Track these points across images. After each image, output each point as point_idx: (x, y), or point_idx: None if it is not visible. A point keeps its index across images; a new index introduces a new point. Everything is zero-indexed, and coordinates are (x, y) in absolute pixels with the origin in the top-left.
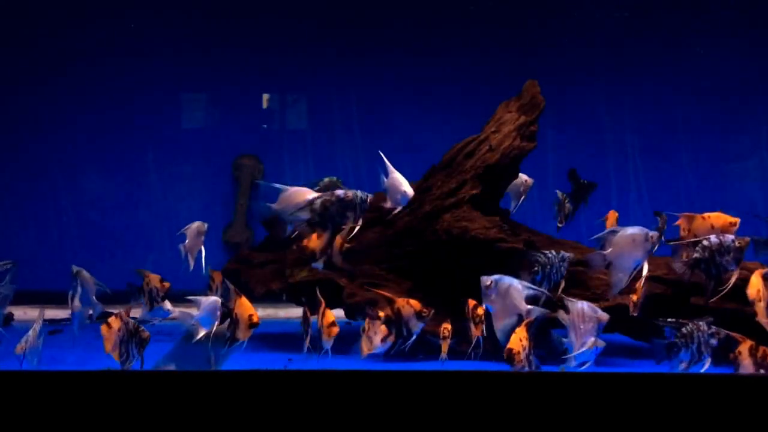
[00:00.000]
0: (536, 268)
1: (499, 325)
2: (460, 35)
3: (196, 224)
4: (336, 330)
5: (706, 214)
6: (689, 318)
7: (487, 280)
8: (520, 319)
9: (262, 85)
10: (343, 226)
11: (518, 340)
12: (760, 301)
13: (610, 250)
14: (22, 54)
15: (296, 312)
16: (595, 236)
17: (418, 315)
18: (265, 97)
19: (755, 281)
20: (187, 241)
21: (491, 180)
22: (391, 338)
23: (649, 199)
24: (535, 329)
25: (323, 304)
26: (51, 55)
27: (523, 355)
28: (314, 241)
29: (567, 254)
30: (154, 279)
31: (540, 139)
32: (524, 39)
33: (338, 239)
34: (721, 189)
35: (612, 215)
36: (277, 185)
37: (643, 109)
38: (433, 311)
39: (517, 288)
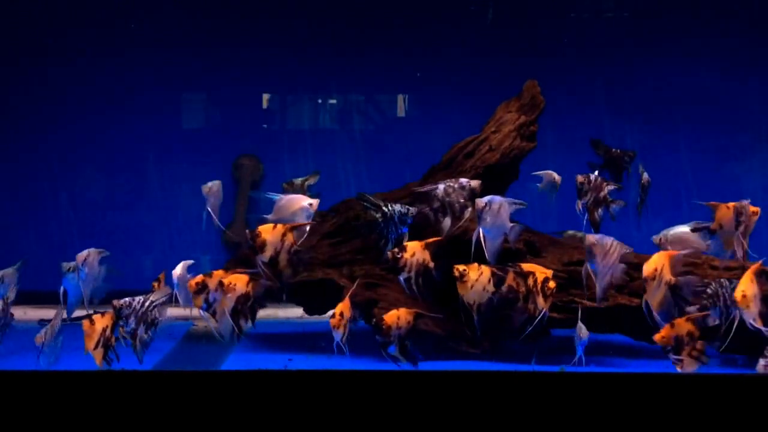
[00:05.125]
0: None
1: (492, 247)
2: (460, 35)
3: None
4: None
5: (730, 204)
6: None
7: (480, 202)
8: (505, 237)
9: (262, 85)
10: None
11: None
12: (653, 279)
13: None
14: (22, 53)
15: (296, 312)
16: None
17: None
18: (265, 97)
19: (656, 258)
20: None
21: (491, 180)
22: None
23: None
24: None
25: (347, 297)
26: (51, 54)
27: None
28: (269, 233)
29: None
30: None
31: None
32: (524, 39)
33: (290, 236)
34: (722, 188)
35: None
36: (272, 195)
37: (643, 109)
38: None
39: (505, 206)
